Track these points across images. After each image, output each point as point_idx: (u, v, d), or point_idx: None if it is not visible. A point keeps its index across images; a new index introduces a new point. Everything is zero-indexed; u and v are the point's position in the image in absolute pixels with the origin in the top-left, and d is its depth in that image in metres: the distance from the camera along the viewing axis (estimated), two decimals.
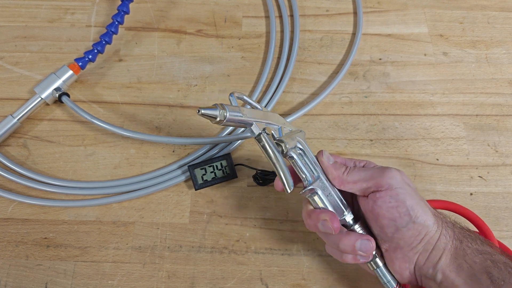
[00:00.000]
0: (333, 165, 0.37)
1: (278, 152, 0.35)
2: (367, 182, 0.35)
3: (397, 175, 0.35)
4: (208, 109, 0.33)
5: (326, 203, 0.36)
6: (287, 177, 0.34)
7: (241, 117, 0.34)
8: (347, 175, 0.36)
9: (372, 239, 0.35)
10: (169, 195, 0.48)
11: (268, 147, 0.35)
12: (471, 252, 0.33)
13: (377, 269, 0.37)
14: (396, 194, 0.34)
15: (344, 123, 0.52)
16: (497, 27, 0.59)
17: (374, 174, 0.35)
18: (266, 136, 0.35)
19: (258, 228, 0.46)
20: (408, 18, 0.59)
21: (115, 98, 0.53)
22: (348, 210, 0.37)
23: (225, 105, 0.33)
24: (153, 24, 0.59)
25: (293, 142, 0.36)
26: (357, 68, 0.55)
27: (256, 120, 0.35)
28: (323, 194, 0.36)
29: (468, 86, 0.54)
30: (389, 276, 0.37)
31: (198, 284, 0.43)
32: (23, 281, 0.43)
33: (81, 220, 0.46)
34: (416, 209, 0.34)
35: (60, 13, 0.59)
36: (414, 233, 0.34)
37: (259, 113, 0.36)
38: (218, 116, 0.33)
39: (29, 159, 0.49)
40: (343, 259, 0.36)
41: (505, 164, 0.49)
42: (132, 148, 0.50)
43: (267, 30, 0.58)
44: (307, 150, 0.37)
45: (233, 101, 0.36)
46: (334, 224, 0.34)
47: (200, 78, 0.55)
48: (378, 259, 0.37)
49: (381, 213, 0.34)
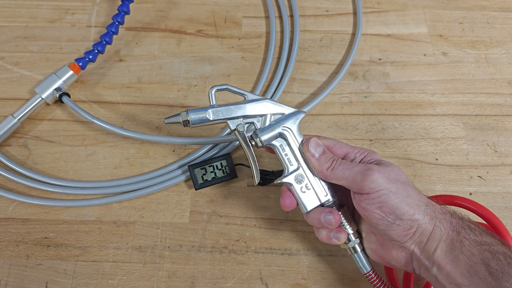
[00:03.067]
0: (317, 160, 0.37)
1: (249, 147, 0.38)
2: (349, 183, 0.36)
3: (379, 178, 0.34)
4: (171, 117, 0.38)
5: (297, 197, 0.38)
6: (256, 170, 0.39)
7: (207, 120, 0.38)
8: (331, 171, 0.36)
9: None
10: (169, 195, 0.48)
11: (240, 143, 0.38)
12: (468, 244, 0.32)
13: (355, 254, 0.39)
14: (378, 196, 0.34)
15: (344, 123, 0.52)
16: (496, 27, 0.59)
17: (356, 177, 0.35)
18: (237, 133, 0.38)
19: (258, 228, 0.46)
20: (408, 18, 0.59)
21: (116, 98, 0.53)
22: (329, 200, 0.38)
23: (190, 111, 0.38)
24: (153, 24, 0.59)
25: (273, 133, 0.38)
26: (357, 68, 0.55)
27: (225, 119, 0.38)
28: (295, 187, 0.38)
29: (468, 86, 0.54)
30: (365, 261, 0.39)
31: (198, 283, 0.43)
32: (24, 281, 0.43)
33: (81, 220, 0.46)
34: (401, 207, 0.34)
35: (61, 13, 0.59)
36: (404, 227, 0.34)
37: (235, 109, 0.38)
38: (182, 122, 0.38)
39: (30, 159, 0.49)
40: (320, 237, 0.38)
41: (504, 164, 0.50)
42: (133, 148, 0.50)
43: (267, 30, 0.58)
44: (293, 139, 0.38)
45: (212, 98, 0.39)
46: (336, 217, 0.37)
47: (200, 78, 0.55)
48: (357, 245, 0.39)
49: (367, 214, 0.35)
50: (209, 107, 0.38)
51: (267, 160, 0.49)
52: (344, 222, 0.38)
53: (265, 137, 0.37)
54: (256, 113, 0.38)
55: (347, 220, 0.38)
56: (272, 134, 0.38)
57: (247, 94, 0.39)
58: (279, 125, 0.38)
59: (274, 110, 0.39)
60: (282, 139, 0.38)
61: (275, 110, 0.39)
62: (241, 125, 0.38)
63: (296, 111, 0.39)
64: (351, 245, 0.38)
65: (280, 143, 0.38)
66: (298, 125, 0.38)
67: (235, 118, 0.38)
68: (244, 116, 0.38)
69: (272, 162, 0.49)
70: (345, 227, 0.38)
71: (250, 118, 0.38)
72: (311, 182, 0.38)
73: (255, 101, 0.39)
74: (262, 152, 0.50)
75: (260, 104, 0.39)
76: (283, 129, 0.38)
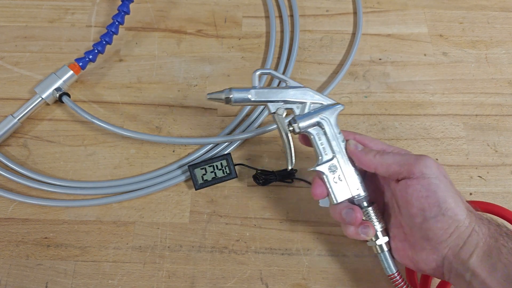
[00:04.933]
0: (361, 151, 0.37)
1: (286, 132, 0.38)
2: (400, 167, 0.35)
3: (433, 165, 0.34)
4: (214, 93, 0.39)
5: (329, 187, 0.38)
6: (291, 155, 0.39)
7: (249, 100, 0.38)
8: (380, 157, 0.36)
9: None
10: (169, 195, 0.48)
11: (278, 127, 0.39)
12: (507, 252, 0.31)
13: (381, 253, 0.38)
14: (428, 183, 0.33)
15: (344, 123, 0.52)
16: (497, 27, 0.59)
17: (409, 159, 0.34)
18: (276, 117, 0.38)
19: (258, 228, 0.46)
20: (408, 18, 0.59)
21: (116, 98, 0.53)
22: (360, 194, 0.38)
23: (233, 89, 0.38)
24: (153, 24, 0.59)
25: (311, 121, 0.38)
26: (357, 68, 0.55)
27: (266, 101, 0.39)
28: (329, 177, 0.38)
29: (468, 86, 0.54)
30: (390, 262, 0.38)
31: (198, 283, 0.43)
32: (24, 281, 0.43)
33: (81, 220, 0.46)
34: (448, 202, 0.33)
35: (61, 13, 0.59)
36: (443, 225, 0.33)
37: (276, 93, 0.39)
38: (224, 99, 0.38)
39: (30, 159, 0.49)
40: (347, 232, 0.38)
41: (504, 164, 0.49)
42: (132, 148, 0.50)
43: (267, 30, 0.58)
44: (331, 129, 0.38)
45: (255, 80, 0.39)
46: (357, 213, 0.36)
47: (200, 78, 0.55)
48: (384, 244, 0.38)
49: (410, 201, 0.34)
50: (251, 88, 0.39)
51: (267, 160, 0.49)
52: (373, 218, 0.38)
53: (304, 123, 0.38)
54: (297, 100, 0.39)
55: (376, 217, 0.38)
56: (310, 121, 0.38)
57: (289, 80, 0.40)
58: (318, 114, 0.38)
59: (314, 99, 0.39)
60: (319, 128, 0.38)
61: (315, 99, 0.39)
62: (281, 109, 0.39)
63: (335, 103, 0.39)
64: (378, 242, 0.38)
65: (317, 132, 0.38)
66: (336, 117, 0.39)
67: (276, 102, 0.39)
68: (284, 101, 0.39)
69: (272, 162, 0.49)
70: (374, 224, 0.38)
71: (290, 103, 0.39)
72: (345, 174, 0.38)
73: (297, 88, 0.39)
74: (262, 152, 0.50)
75: (301, 91, 0.39)
76: (321, 118, 0.38)
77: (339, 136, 0.38)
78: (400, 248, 0.37)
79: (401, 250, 0.37)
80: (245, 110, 0.52)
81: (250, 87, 0.39)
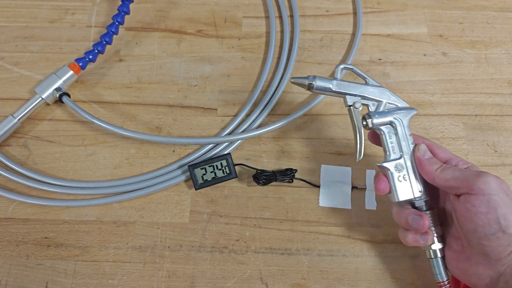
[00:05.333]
0: (427, 160, 0.37)
1: (359, 126, 0.40)
2: (459, 183, 0.35)
3: (492, 181, 0.33)
4: (299, 78, 0.41)
5: (392, 184, 0.38)
6: (360, 148, 0.40)
7: (330, 89, 0.41)
8: (440, 171, 0.36)
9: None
10: (169, 195, 0.48)
11: (352, 119, 0.41)
12: None
13: (434, 259, 0.38)
14: (488, 200, 0.33)
15: (344, 123, 0.52)
16: (496, 27, 0.59)
17: (468, 176, 0.34)
18: (352, 110, 0.41)
19: (258, 228, 0.46)
20: (408, 18, 0.59)
21: (116, 98, 0.53)
22: (422, 197, 0.38)
23: (317, 77, 0.41)
24: (153, 24, 0.59)
25: (385, 119, 0.39)
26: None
27: (345, 93, 0.41)
28: (394, 175, 0.38)
29: (468, 86, 0.54)
30: (442, 269, 0.38)
31: (198, 283, 0.43)
32: (24, 281, 0.43)
33: (81, 220, 0.46)
34: (509, 219, 0.32)
35: (61, 14, 0.59)
36: (503, 243, 0.32)
37: (356, 87, 0.41)
38: (307, 85, 0.41)
39: (30, 159, 0.49)
40: (405, 240, 0.38)
41: (504, 164, 0.50)
42: (133, 148, 0.50)
43: (267, 30, 0.58)
44: (402, 130, 0.39)
45: (337, 73, 0.42)
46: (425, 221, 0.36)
47: (200, 78, 0.55)
48: (438, 250, 0.38)
49: (469, 217, 0.33)
50: (333, 79, 0.41)
51: (267, 160, 0.50)
52: (431, 224, 0.38)
53: (377, 120, 0.39)
54: (374, 97, 0.41)
55: (434, 223, 0.38)
56: (384, 119, 0.39)
57: (368, 78, 0.42)
58: (392, 114, 0.40)
59: (390, 100, 0.41)
60: (391, 127, 0.40)
61: (391, 100, 0.41)
62: (358, 103, 0.40)
63: (410, 107, 0.41)
64: (434, 247, 0.38)
65: (388, 130, 0.40)
66: (409, 119, 0.40)
67: (354, 96, 0.41)
68: (362, 96, 0.41)
69: (272, 162, 0.49)
70: (432, 229, 0.38)
71: (367, 100, 0.41)
72: (409, 174, 0.39)
73: (375, 87, 0.41)
74: (262, 152, 0.50)
75: (379, 90, 0.41)
76: (395, 118, 0.39)
77: (409, 138, 0.39)
78: (454, 258, 0.37)
79: (455, 260, 0.37)
80: (245, 110, 0.52)
81: (332, 78, 0.41)
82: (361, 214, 0.47)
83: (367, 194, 0.48)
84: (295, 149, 0.50)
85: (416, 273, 0.44)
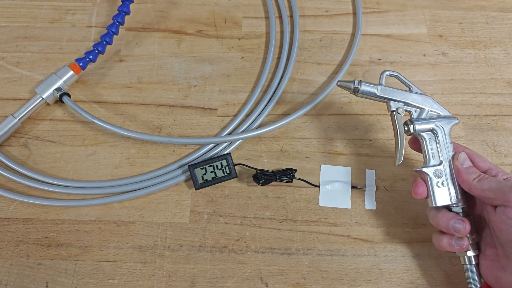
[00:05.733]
0: (466, 169, 0.38)
1: (401, 131, 0.41)
2: (495, 194, 0.35)
3: None
4: (346, 81, 0.43)
5: (431, 189, 0.39)
6: (400, 152, 0.41)
7: (375, 94, 0.42)
8: (477, 181, 0.37)
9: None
10: (169, 195, 0.48)
11: (394, 124, 0.42)
12: None
13: (468, 265, 0.39)
14: None
15: (343, 123, 0.52)
16: (496, 28, 0.59)
17: (504, 187, 0.35)
18: (395, 115, 0.42)
19: (258, 228, 0.46)
20: (407, 18, 0.59)
21: (116, 98, 0.53)
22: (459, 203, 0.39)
23: (363, 82, 0.42)
24: (153, 25, 0.59)
25: (427, 126, 0.41)
26: (356, 68, 0.56)
27: (389, 98, 0.42)
28: (432, 180, 0.39)
29: (467, 86, 0.55)
30: (476, 276, 0.39)
31: (198, 283, 0.43)
32: (24, 281, 0.43)
33: (81, 220, 0.46)
34: None
35: (61, 14, 0.59)
36: None
37: (400, 94, 0.42)
38: (352, 89, 0.42)
39: (30, 159, 0.49)
40: (440, 244, 0.38)
41: (504, 164, 0.50)
42: (133, 148, 0.50)
43: (267, 31, 0.58)
44: (443, 138, 0.41)
45: (382, 78, 0.43)
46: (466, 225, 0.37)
47: (201, 78, 0.55)
48: (473, 257, 0.38)
49: (505, 229, 0.34)
50: (378, 84, 0.42)
51: (267, 160, 0.50)
52: None
53: (420, 127, 0.40)
54: (417, 104, 0.42)
55: (470, 229, 0.38)
56: (426, 126, 0.41)
57: (413, 86, 0.43)
58: (434, 122, 0.41)
59: (433, 108, 0.42)
60: (432, 134, 0.41)
61: (434, 108, 0.42)
62: (401, 109, 0.42)
63: (452, 116, 0.42)
64: (469, 254, 0.38)
65: (429, 137, 0.41)
66: (450, 128, 0.41)
67: (397, 101, 0.42)
68: (405, 103, 0.42)
69: (272, 162, 0.49)
70: (468, 236, 0.38)
71: (410, 106, 0.42)
72: (448, 181, 0.39)
73: (419, 94, 0.42)
74: (262, 152, 0.50)
75: (422, 97, 0.42)
76: (437, 126, 0.41)
77: (450, 146, 0.41)
78: (488, 266, 0.37)
79: (489, 268, 0.37)
80: (245, 110, 0.52)
81: (377, 84, 0.42)
82: (361, 214, 0.47)
83: (367, 194, 0.48)
84: (295, 149, 0.50)
85: (416, 273, 0.44)
